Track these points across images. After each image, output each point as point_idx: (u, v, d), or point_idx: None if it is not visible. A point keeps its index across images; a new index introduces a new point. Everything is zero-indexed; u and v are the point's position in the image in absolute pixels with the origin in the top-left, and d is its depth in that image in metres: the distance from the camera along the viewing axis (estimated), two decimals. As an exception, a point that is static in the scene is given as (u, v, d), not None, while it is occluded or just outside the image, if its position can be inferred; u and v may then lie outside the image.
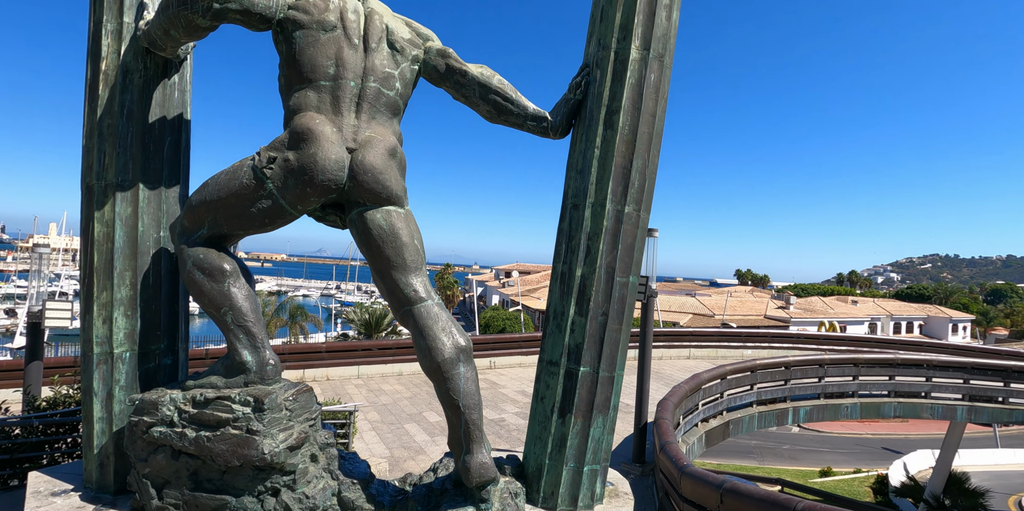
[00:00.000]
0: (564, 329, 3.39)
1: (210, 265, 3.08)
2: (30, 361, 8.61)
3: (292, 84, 3.09)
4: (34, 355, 8.86)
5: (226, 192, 3.00)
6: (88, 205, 3.36)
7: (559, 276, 3.47)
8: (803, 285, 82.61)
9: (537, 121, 3.45)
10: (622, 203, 3.31)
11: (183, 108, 3.55)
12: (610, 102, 3.32)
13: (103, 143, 3.29)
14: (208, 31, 3.07)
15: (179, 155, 3.52)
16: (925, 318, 57.33)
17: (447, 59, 3.39)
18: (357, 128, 3.06)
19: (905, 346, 21.55)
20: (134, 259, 3.36)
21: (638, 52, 3.30)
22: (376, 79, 3.14)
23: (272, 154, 2.95)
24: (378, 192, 3.04)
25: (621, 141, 3.29)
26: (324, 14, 3.06)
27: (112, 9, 3.30)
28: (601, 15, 3.41)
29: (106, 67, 3.29)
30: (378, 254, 3.09)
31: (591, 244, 3.33)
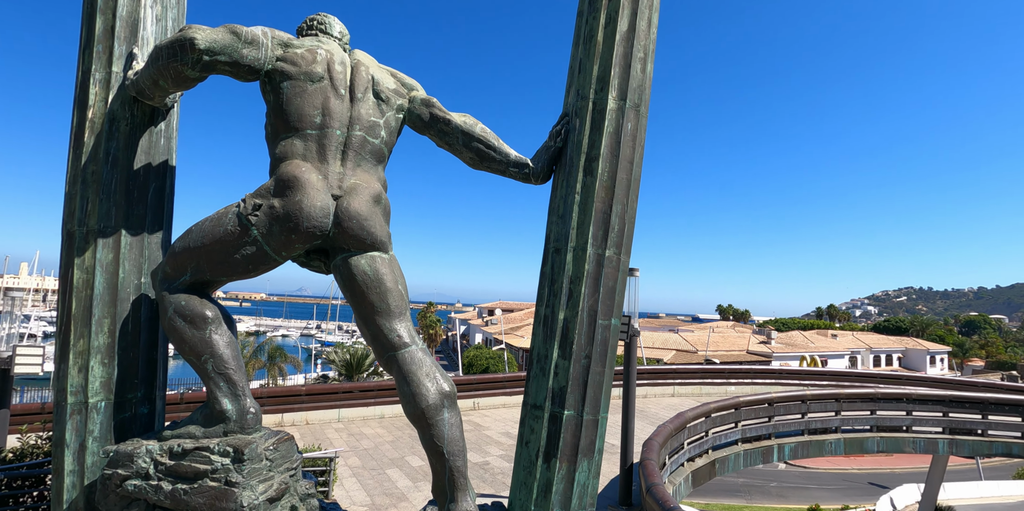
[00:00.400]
0: (548, 372, 3.40)
1: (191, 312, 3.06)
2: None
3: (279, 132, 3.16)
4: (1, 403, 8.49)
5: (210, 239, 3.01)
6: (68, 251, 3.33)
7: (542, 319, 3.50)
8: (784, 319, 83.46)
9: (519, 168, 3.55)
10: (603, 247, 3.39)
11: (168, 154, 3.59)
12: (589, 150, 3.45)
13: (86, 190, 3.30)
14: (197, 82, 3.15)
15: (163, 201, 3.54)
16: (903, 350, 58.07)
17: (431, 108, 3.50)
18: (343, 175, 3.12)
19: (885, 380, 21.72)
20: (113, 306, 3.32)
21: (615, 102, 3.46)
22: (362, 128, 3.23)
23: (258, 201, 2.99)
24: (363, 238, 3.08)
25: (600, 187, 3.40)
26: (312, 66, 3.16)
27: (101, 59, 3.37)
28: (579, 67, 3.58)
29: (92, 115, 3.34)
30: (362, 300, 3.10)
31: (573, 288, 3.38)
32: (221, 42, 2.96)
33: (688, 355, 41.59)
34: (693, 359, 39.74)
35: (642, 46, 3.54)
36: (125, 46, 3.39)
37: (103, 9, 3.37)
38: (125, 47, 3.39)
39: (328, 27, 3.52)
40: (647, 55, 3.58)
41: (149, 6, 3.49)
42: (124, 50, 3.39)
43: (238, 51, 3.01)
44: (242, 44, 3.02)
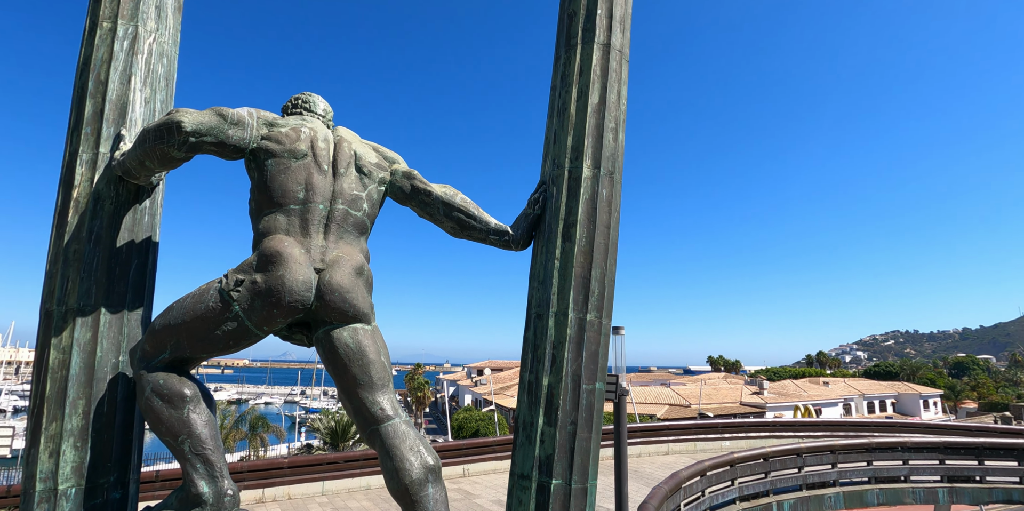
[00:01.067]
0: (534, 440, 3.34)
1: (169, 391, 3.00)
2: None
3: (262, 208, 3.23)
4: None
5: (191, 316, 3.00)
6: (45, 332, 3.29)
7: (526, 386, 3.48)
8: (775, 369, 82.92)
9: (499, 235, 3.64)
10: (584, 311, 3.44)
11: (152, 231, 3.63)
12: (567, 216, 3.57)
13: (67, 269, 3.30)
14: (183, 162, 3.24)
15: (145, 277, 3.54)
16: (896, 395, 57.63)
17: (412, 180, 3.62)
18: (325, 248, 3.17)
19: (879, 428, 21.41)
20: (89, 386, 3.24)
21: (590, 170, 3.62)
22: (344, 201, 3.31)
23: (240, 276, 3.01)
24: (345, 311, 3.09)
25: (579, 252, 3.49)
26: (296, 143, 3.28)
27: (89, 140, 3.47)
28: (555, 138, 3.77)
29: (77, 195, 3.39)
30: (344, 373, 3.07)
31: (556, 353, 3.40)
32: (207, 124, 3.07)
33: (681, 409, 40.80)
34: (687, 413, 38.96)
35: (613, 117, 3.74)
36: (113, 128, 3.50)
37: (93, 93, 3.51)
38: (113, 129, 3.50)
39: (312, 105, 3.68)
40: (618, 125, 3.78)
41: (138, 89, 3.63)
42: (112, 131, 3.49)
43: (224, 132, 3.12)
44: (228, 125, 3.14)
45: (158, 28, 3.75)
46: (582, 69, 3.73)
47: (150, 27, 3.70)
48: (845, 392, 53.80)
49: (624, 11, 3.88)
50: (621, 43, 3.83)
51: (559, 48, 3.92)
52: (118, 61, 3.54)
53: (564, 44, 3.86)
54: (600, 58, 3.73)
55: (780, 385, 54.49)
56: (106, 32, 3.57)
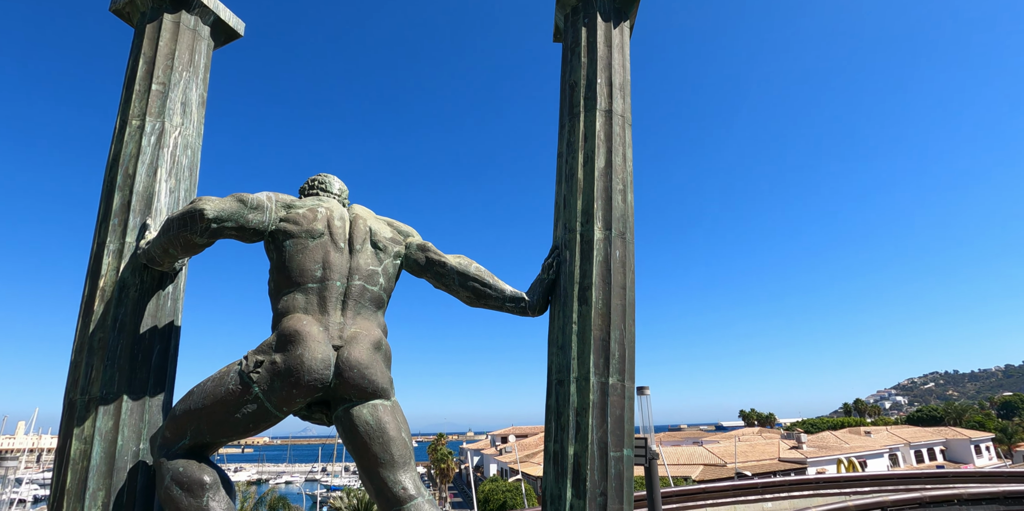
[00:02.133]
0: (564, 514, 3.19)
1: (189, 478, 2.94)
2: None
3: (281, 288, 3.29)
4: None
5: (212, 399, 2.98)
6: (68, 422, 3.28)
7: (552, 456, 3.37)
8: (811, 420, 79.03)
9: (515, 302, 3.64)
10: (606, 375, 3.37)
11: (175, 315, 3.70)
12: (582, 279, 3.59)
13: (92, 357, 3.35)
14: (205, 247, 3.34)
15: (166, 362, 3.57)
16: (944, 442, 54.37)
17: (426, 252, 3.69)
18: (343, 325, 3.19)
19: (931, 479, 20.01)
20: (109, 477, 3.19)
21: (601, 232, 3.67)
22: (361, 277, 3.36)
23: (260, 358, 3.01)
24: (364, 387, 3.06)
25: (596, 315, 3.48)
26: (313, 224, 3.38)
27: (116, 231, 3.61)
28: (564, 203, 3.85)
29: (104, 284, 3.49)
30: (365, 451, 3.00)
31: (580, 420, 3.31)
32: (228, 210, 3.20)
33: (717, 469, 38.72)
34: (723, 473, 36.93)
35: (620, 179, 3.84)
36: (139, 218, 3.65)
37: (121, 186, 3.69)
38: (139, 219, 3.65)
39: (328, 186, 3.82)
40: (626, 186, 3.87)
41: (164, 180, 3.82)
42: (137, 221, 3.64)
43: (244, 217, 3.24)
44: (248, 210, 3.26)
45: (183, 122, 4.01)
46: (587, 135, 3.87)
47: (176, 122, 3.95)
48: (889, 441, 50.96)
49: (623, 78, 4.08)
50: (623, 108, 4.00)
51: (563, 116, 4.09)
52: (145, 155, 3.76)
53: (568, 112, 4.03)
54: (603, 124, 3.88)
55: (819, 437, 51.84)
56: (135, 129, 3.81)
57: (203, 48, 4.31)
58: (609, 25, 4.11)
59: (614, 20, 4.14)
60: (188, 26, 4.17)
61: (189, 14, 4.19)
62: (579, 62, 4.02)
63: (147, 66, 3.97)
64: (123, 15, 4.32)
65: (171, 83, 3.98)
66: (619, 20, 4.17)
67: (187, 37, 4.15)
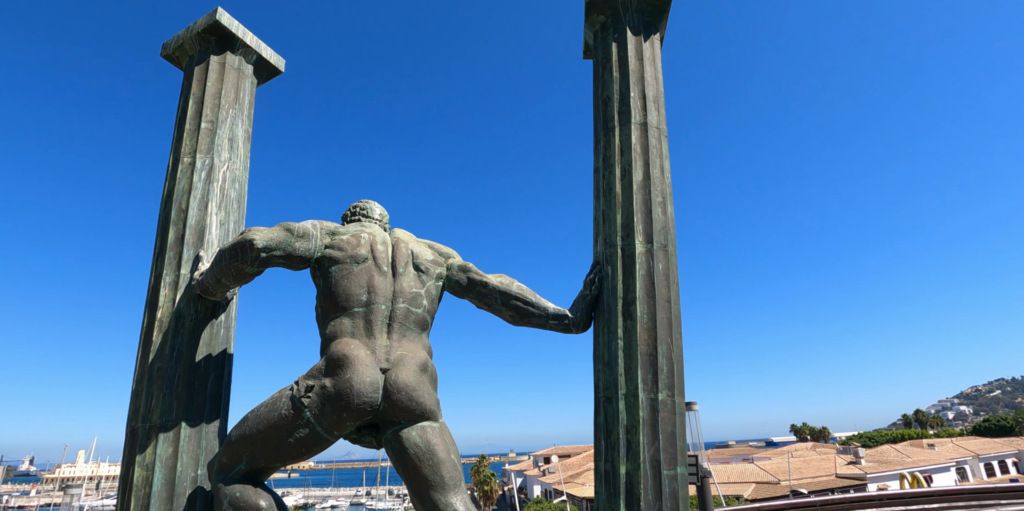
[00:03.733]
0: (621, 536, 3.10)
1: (246, 503, 2.99)
2: None
3: (328, 313, 3.36)
4: None
5: (266, 425, 3.05)
6: (131, 449, 3.40)
7: (603, 475, 3.30)
8: (868, 433, 75.25)
9: (558, 320, 3.62)
10: (655, 391, 3.31)
11: (227, 343, 3.81)
12: (625, 294, 3.54)
13: (151, 386, 3.47)
14: (255, 276, 3.45)
15: (221, 389, 3.67)
16: (1016, 453, 50.99)
17: (468, 273, 3.72)
18: (389, 348, 3.23)
19: (1005, 493, 18.74)
20: (170, 503, 3.28)
21: (643, 246, 3.63)
22: (405, 300, 3.41)
23: (310, 382, 3.07)
24: (412, 409, 3.08)
25: (642, 329, 3.43)
26: (356, 249, 3.45)
27: (172, 264, 3.76)
28: (603, 218, 3.83)
29: (161, 315, 3.63)
30: (415, 474, 3.00)
31: (630, 438, 3.24)
32: (276, 239, 3.30)
33: (770, 487, 37.16)
34: (777, 491, 35.41)
35: (659, 191, 3.80)
36: (192, 250, 3.80)
37: (175, 221, 3.86)
38: (192, 251, 3.80)
39: (369, 211, 3.91)
40: (666, 198, 3.83)
41: (215, 213, 3.98)
42: (191, 254, 3.79)
43: (291, 245, 3.33)
44: (295, 238, 3.35)
45: (231, 157, 4.18)
46: (623, 149, 3.87)
47: (224, 157, 4.13)
48: (955, 454, 48.05)
49: (656, 91, 4.07)
50: (658, 120, 3.99)
51: (597, 131, 4.10)
52: (197, 190, 3.93)
53: (602, 127, 4.04)
54: (639, 137, 3.88)
55: (878, 451, 49.31)
56: (187, 166, 3.99)
57: (247, 86, 4.51)
58: (639, 39, 4.12)
59: (644, 33, 4.15)
60: (233, 66, 4.38)
61: (234, 55, 4.40)
62: (611, 77, 4.04)
63: (196, 106, 4.17)
64: (173, 60, 4.57)
65: (219, 121, 4.17)
66: (649, 33, 4.19)
67: (232, 76, 4.36)
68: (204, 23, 4.27)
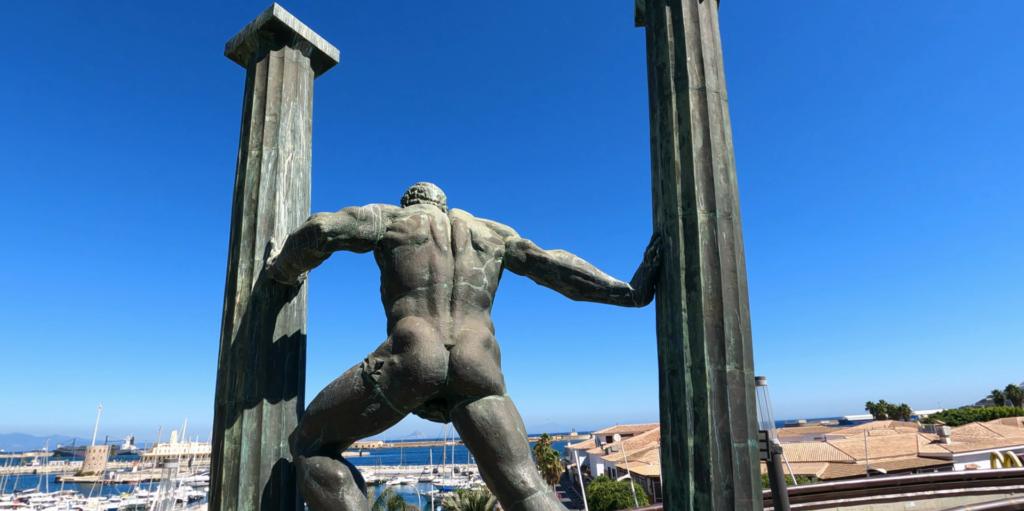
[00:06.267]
0: (687, 509, 3.09)
1: (325, 474, 3.16)
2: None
3: (392, 293, 3.47)
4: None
5: (340, 400, 3.20)
6: (220, 424, 3.65)
7: (670, 448, 3.28)
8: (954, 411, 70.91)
9: (620, 293, 3.59)
10: (722, 363, 3.24)
11: (300, 325, 4.01)
12: (688, 265, 3.47)
13: (235, 366, 3.70)
14: (322, 260, 3.60)
15: (297, 368, 3.87)
16: None
17: (526, 249, 3.73)
18: (453, 325, 3.31)
19: (1118, 477, 17.30)
20: (257, 473, 3.51)
21: (705, 215, 3.53)
22: (466, 278, 3.47)
23: (379, 359, 3.20)
24: (477, 384, 3.16)
25: (707, 301, 3.35)
26: (417, 230, 3.54)
27: (246, 252, 3.97)
28: (662, 188, 3.74)
29: (240, 300, 3.85)
30: (483, 446, 3.09)
31: (698, 410, 3.20)
32: (341, 223, 3.42)
33: (845, 467, 35.83)
34: (852, 471, 34.10)
35: (721, 158, 3.67)
36: (264, 238, 3.99)
37: (247, 211, 4.06)
38: (264, 239, 3.99)
39: (427, 193, 3.98)
40: (727, 165, 3.70)
41: (282, 202, 4.16)
42: (263, 242, 3.98)
43: (355, 228, 3.45)
44: (358, 222, 3.47)
45: (294, 148, 4.34)
46: (680, 116, 3.75)
47: (288, 148, 4.29)
48: (1054, 434, 44.73)
49: (714, 53, 3.90)
50: (717, 84, 3.83)
51: (653, 100, 3.99)
52: (265, 181, 4.10)
53: (658, 95, 3.92)
54: (697, 102, 3.74)
55: (965, 430, 46.53)
56: (254, 158, 4.17)
57: (305, 78, 4.65)
58: (694, 0, 3.96)
59: (699, -6, 3.97)
60: (291, 60, 4.52)
61: (291, 49, 4.54)
62: (665, 42, 3.90)
63: (260, 100, 4.34)
64: (236, 58, 4.75)
65: (281, 113, 4.32)
66: (704, -6, 4.00)
67: (291, 70, 4.50)
68: (262, 20, 4.41)
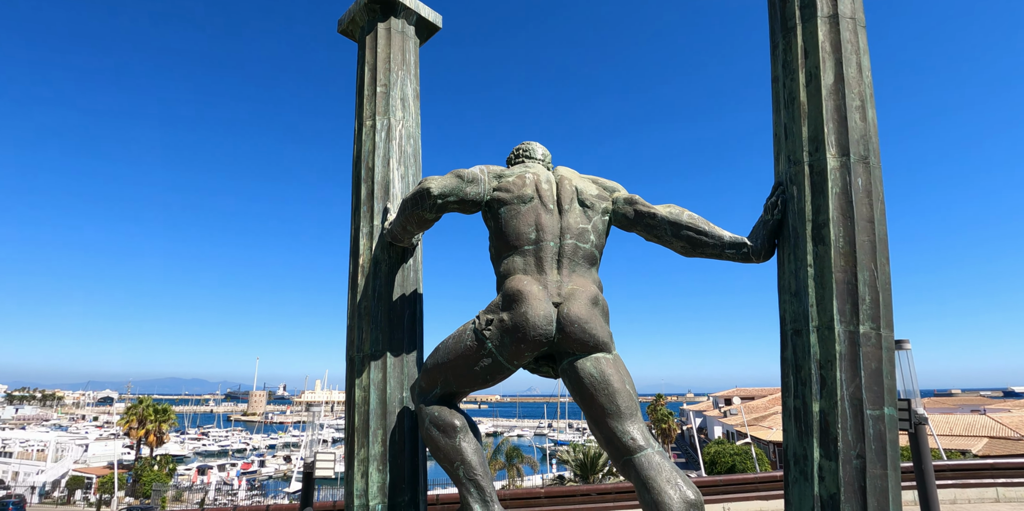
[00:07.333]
0: (810, 476, 2.92)
1: (443, 422, 3.39)
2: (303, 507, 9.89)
3: (501, 252, 3.54)
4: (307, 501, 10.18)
5: (454, 355, 3.37)
6: (350, 374, 4.01)
7: (792, 413, 3.09)
8: None
9: (736, 248, 3.37)
10: (854, 323, 2.96)
11: (417, 284, 4.24)
12: (815, 216, 3.16)
13: (361, 322, 4.02)
14: (433, 222, 3.74)
15: (415, 325, 4.13)
16: None
17: (634, 205, 3.62)
18: (560, 283, 3.32)
19: None
20: (384, 419, 3.84)
21: (836, 160, 3.17)
22: (572, 236, 3.45)
23: (489, 317, 3.31)
24: (585, 341, 3.17)
25: (837, 255, 3.05)
26: (523, 189, 3.55)
27: (366, 217, 4.23)
28: (785, 133, 3.41)
29: (363, 262, 4.14)
30: (591, 402, 3.12)
31: (825, 373, 2.96)
32: (450, 186, 3.51)
33: (1009, 444, 31.88)
34: (1018, 448, 30.28)
35: (856, 93, 3.26)
36: (380, 203, 4.23)
37: (365, 179, 4.30)
38: (380, 204, 4.22)
39: (532, 152, 3.97)
40: (864, 101, 3.27)
41: (396, 169, 4.35)
42: (380, 207, 4.22)
43: (463, 190, 3.53)
44: (465, 184, 3.54)
45: (404, 116, 4.49)
46: (807, 49, 3.35)
47: (399, 117, 4.45)
48: None
49: (848, -28, 3.40)
50: (852, 9, 3.36)
51: (775, 35, 3.59)
52: (379, 149, 4.31)
53: (780, 29, 3.52)
54: (828, 32, 3.31)
55: None
56: (369, 128, 4.39)
57: (411, 46, 4.75)
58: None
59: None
60: (397, 30, 4.63)
61: (397, 19, 4.64)
62: (788, -35, 3.46)
63: (371, 72, 4.51)
64: (348, 34, 4.96)
65: (391, 83, 4.48)
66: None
67: (398, 39, 4.61)
68: (368, -7, 4.53)
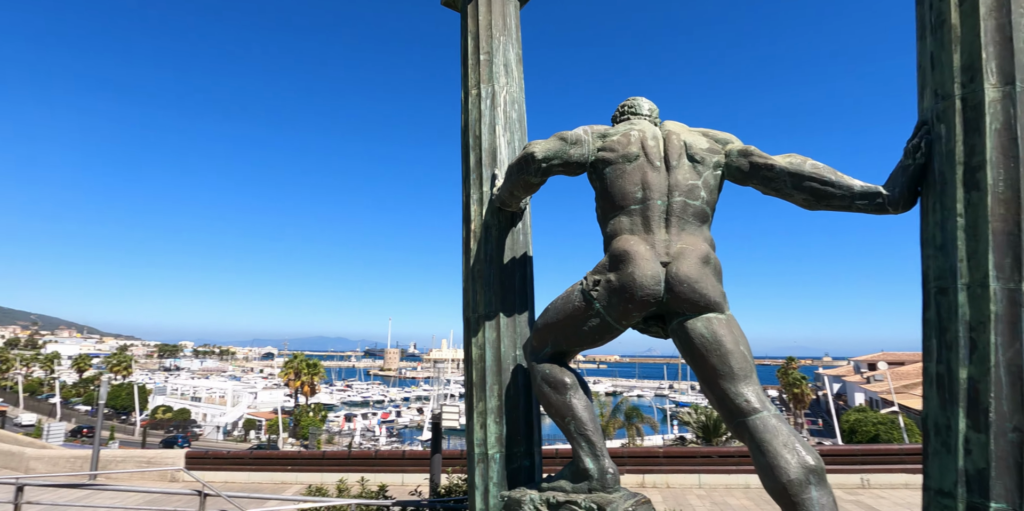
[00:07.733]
0: (954, 449, 2.65)
1: (554, 379, 3.52)
2: (433, 453, 10.86)
3: (607, 213, 3.51)
4: (436, 448, 11.16)
5: (563, 315, 3.45)
6: (467, 333, 4.26)
7: (934, 379, 2.80)
8: None
9: (868, 199, 3.04)
10: (1016, 279, 2.57)
11: (526, 247, 4.35)
12: (967, 158, 2.76)
13: (475, 284, 4.22)
14: (539, 186, 3.79)
15: (526, 286, 4.26)
16: None
17: (749, 157, 3.39)
18: (668, 242, 3.24)
19: None
20: (499, 375, 4.05)
21: (996, 90, 2.71)
22: (681, 193, 3.33)
23: (596, 277, 3.33)
24: (695, 301, 3.09)
25: (996, 202, 2.65)
26: (628, 148, 3.46)
27: (476, 184, 4.36)
28: (931, 63, 2.96)
29: (474, 227, 4.31)
30: (703, 363, 3.06)
31: (976, 337, 2.64)
32: (553, 149, 3.52)
33: None
34: None
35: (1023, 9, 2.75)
36: (488, 170, 4.33)
37: (474, 147, 4.42)
38: (488, 171, 4.33)
39: (637, 108, 3.82)
40: None
41: (501, 135, 4.41)
42: (488, 174, 4.32)
43: (567, 152, 3.52)
44: (569, 146, 3.53)
45: (507, 82, 4.51)
46: None
47: (502, 83, 4.48)
48: None
49: None
50: None
51: None
52: (485, 117, 4.39)
53: None
54: None
55: None
56: (474, 97, 4.47)
57: (511, 10, 4.70)
58: None
59: None
60: (497, -5, 4.59)
61: (496, -17, 4.60)
62: None
63: (474, 41, 4.55)
64: (451, 4, 4.99)
65: (493, 50, 4.49)
66: None
67: (498, 5, 4.58)
68: (467, -39, 4.53)
